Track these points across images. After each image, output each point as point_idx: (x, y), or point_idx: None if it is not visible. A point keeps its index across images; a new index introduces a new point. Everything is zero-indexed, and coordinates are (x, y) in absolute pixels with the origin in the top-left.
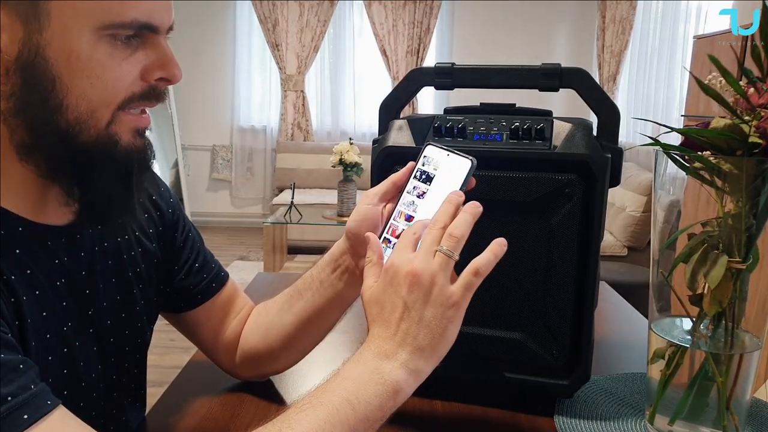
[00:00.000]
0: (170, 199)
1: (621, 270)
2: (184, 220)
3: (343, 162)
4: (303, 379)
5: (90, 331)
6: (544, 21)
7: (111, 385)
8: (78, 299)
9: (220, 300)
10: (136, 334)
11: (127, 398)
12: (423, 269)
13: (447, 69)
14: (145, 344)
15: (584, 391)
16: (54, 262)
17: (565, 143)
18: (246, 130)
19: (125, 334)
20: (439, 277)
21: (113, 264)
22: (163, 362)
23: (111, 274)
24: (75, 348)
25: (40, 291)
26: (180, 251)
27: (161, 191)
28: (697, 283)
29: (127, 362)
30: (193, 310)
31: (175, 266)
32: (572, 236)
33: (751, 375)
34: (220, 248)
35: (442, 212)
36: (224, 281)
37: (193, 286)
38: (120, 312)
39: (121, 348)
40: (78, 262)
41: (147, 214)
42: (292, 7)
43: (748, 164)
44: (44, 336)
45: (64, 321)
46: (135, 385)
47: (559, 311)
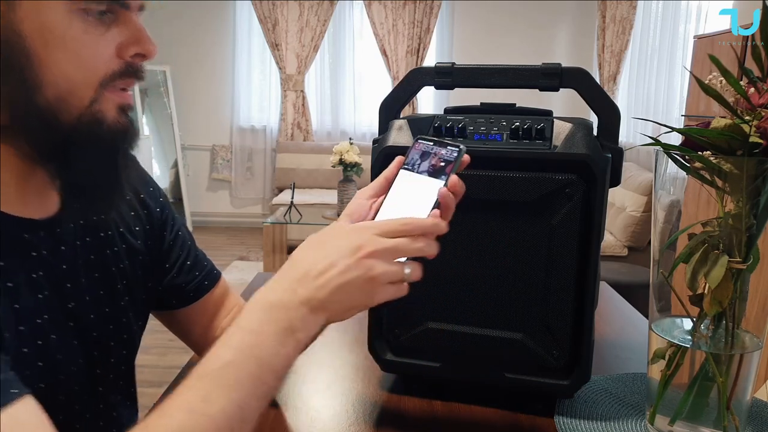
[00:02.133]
0: (159, 198)
1: (621, 270)
2: (174, 219)
3: (343, 162)
4: (302, 379)
5: (70, 325)
6: (544, 21)
7: (95, 380)
8: (57, 292)
9: (212, 298)
10: (121, 329)
11: (116, 395)
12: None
13: (447, 69)
14: (132, 341)
15: (584, 391)
16: (31, 254)
17: (565, 143)
18: (246, 130)
19: (110, 329)
20: (384, 271)
21: (96, 258)
22: (162, 362)
23: (93, 268)
24: (52, 341)
25: (13, 283)
26: (170, 250)
27: (150, 190)
28: (698, 283)
29: (113, 357)
30: (186, 308)
31: (166, 264)
32: (572, 236)
33: (751, 375)
34: (220, 248)
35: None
36: (216, 279)
37: (185, 284)
38: (103, 306)
39: (106, 343)
40: (58, 256)
41: (134, 212)
42: (292, 7)
43: (748, 164)
44: (16, 328)
45: (39, 313)
46: (123, 382)
47: (559, 311)
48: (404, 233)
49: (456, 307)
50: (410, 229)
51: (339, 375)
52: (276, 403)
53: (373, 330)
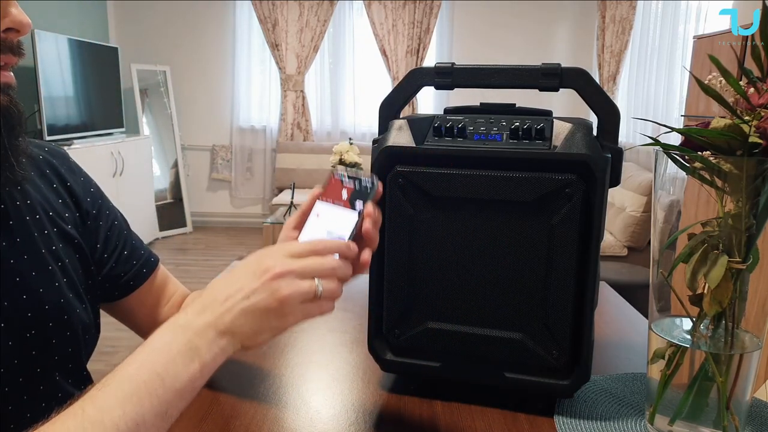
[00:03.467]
0: (91, 189)
1: (621, 270)
2: (109, 209)
3: (343, 162)
4: (302, 379)
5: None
6: (544, 21)
7: (31, 362)
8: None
9: (152, 285)
10: (59, 310)
11: (66, 378)
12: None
13: (447, 69)
14: (78, 322)
15: (584, 391)
16: None
17: (565, 143)
18: (246, 130)
19: (45, 309)
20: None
21: (22, 242)
22: None
23: (21, 252)
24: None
25: None
26: (107, 240)
27: (81, 180)
28: (697, 283)
29: (55, 339)
30: (127, 297)
31: (105, 254)
32: (572, 236)
33: (751, 375)
34: (220, 248)
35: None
36: (154, 267)
37: (123, 273)
38: (37, 287)
39: (43, 323)
40: None
41: (61, 199)
42: (292, 7)
43: (748, 164)
44: None
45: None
46: (72, 365)
47: (559, 311)
48: (314, 253)
49: (456, 307)
50: (320, 249)
51: (339, 375)
52: (281, 400)
53: (373, 330)
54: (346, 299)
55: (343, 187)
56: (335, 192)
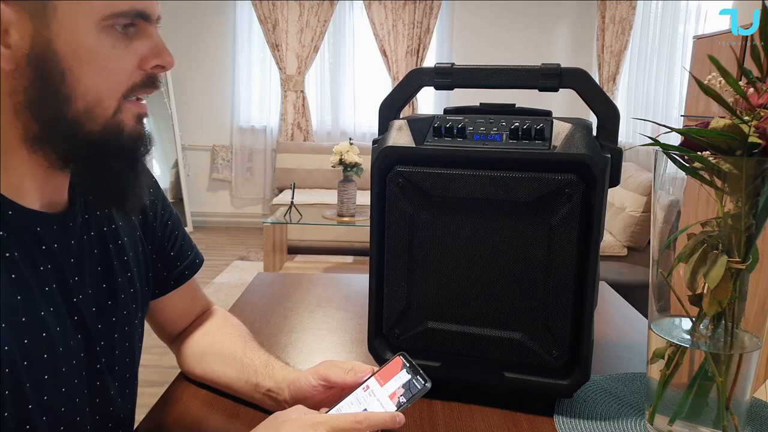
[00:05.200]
0: (151, 189)
1: (621, 270)
2: (168, 209)
3: (343, 162)
4: None
5: (75, 319)
6: (543, 21)
7: (96, 372)
8: (63, 286)
9: (189, 287)
10: (123, 321)
11: (123, 389)
12: None
13: (447, 69)
14: (135, 332)
15: (584, 391)
16: (41, 248)
17: (564, 143)
18: (246, 130)
19: (112, 322)
20: None
21: (99, 253)
22: (162, 362)
23: (97, 262)
24: (56, 333)
25: (16, 274)
26: (168, 240)
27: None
28: (697, 283)
29: (118, 350)
30: (164, 296)
31: (171, 253)
32: (572, 236)
33: (750, 375)
34: (220, 248)
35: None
36: (196, 269)
37: (167, 272)
38: (106, 300)
39: (110, 335)
40: (68, 250)
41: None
42: (292, 8)
43: (747, 164)
44: (18, 319)
45: (43, 306)
46: (129, 374)
47: (558, 311)
48: (357, 429)
49: (456, 307)
50: (364, 424)
51: None
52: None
53: (373, 330)
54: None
55: (399, 371)
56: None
